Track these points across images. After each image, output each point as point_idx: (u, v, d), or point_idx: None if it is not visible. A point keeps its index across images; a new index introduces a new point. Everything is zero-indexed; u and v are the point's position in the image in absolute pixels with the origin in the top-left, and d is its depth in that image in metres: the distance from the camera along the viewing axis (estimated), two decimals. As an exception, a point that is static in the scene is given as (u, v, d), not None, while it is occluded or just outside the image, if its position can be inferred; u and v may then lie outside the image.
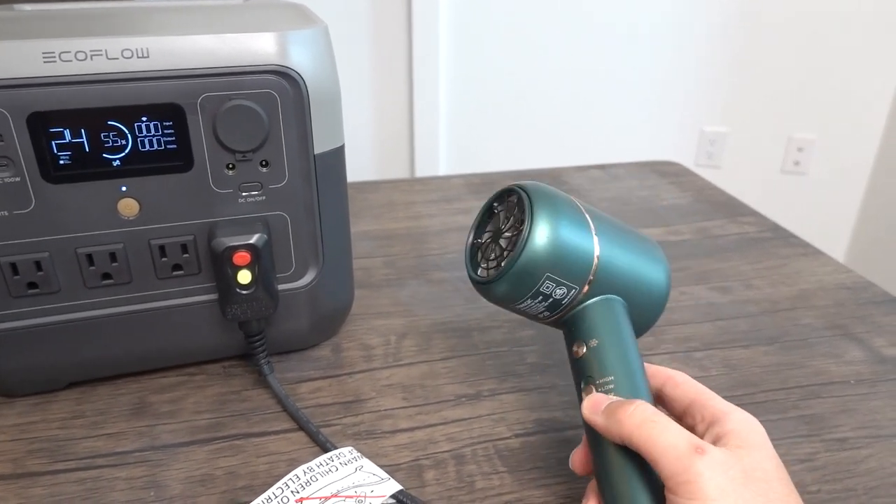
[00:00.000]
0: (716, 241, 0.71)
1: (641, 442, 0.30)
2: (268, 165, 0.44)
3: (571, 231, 0.35)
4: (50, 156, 0.40)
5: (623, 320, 0.36)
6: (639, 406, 0.31)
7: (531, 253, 0.34)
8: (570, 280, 0.35)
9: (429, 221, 0.76)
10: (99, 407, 0.46)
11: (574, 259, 0.35)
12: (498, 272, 0.35)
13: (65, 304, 0.44)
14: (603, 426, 0.32)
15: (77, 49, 0.39)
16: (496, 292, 0.36)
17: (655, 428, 0.30)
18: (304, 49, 0.43)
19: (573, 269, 0.35)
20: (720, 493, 0.27)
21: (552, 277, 0.35)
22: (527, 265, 0.34)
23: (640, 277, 0.38)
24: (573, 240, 0.35)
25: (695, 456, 0.28)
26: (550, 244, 0.34)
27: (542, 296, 0.35)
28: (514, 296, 0.36)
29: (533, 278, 0.35)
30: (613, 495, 0.32)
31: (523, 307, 0.37)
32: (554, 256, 0.34)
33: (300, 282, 0.48)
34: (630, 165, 0.95)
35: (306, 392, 0.48)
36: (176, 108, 0.41)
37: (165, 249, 0.44)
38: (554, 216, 0.35)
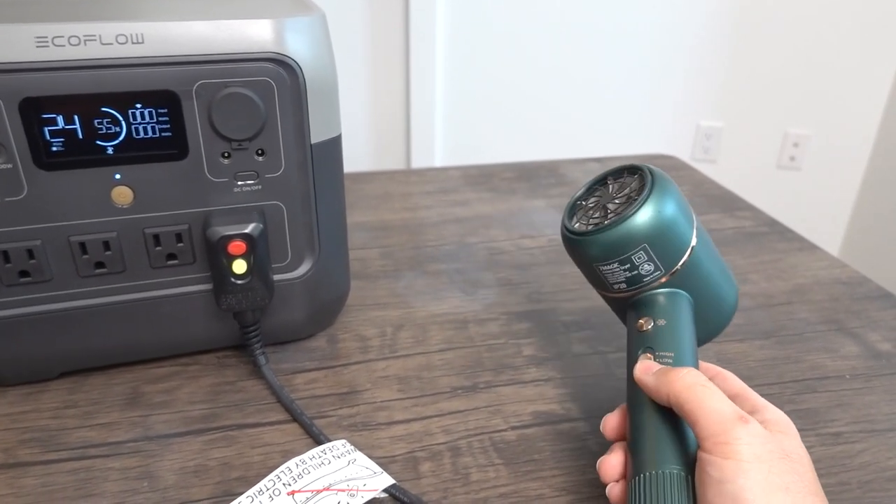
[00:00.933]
0: (712, 235, 0.70)
1: (689, 401, 0.31)
2: (264, 154, 0.44)
3: (680, 216, 0.36)
4: (42, 142, 0.39)
5: (690, 315, 0.38)
6: (691, 371, 0.32)
7: (640, 218, 0.35)
8: (661, 260, 0.36)
9: (425, 213, 0.75)
10: (92, 397, 0.46)
11: (673, 241, 0.36)
12: (599, 227, 0.36)
13: (57, 293, 0.43)
14: (653, 385, 0.33)
15: (70, 34, 0.38)
16: (589, 246, 0.37)
17: (706, 391, 0.31)
18: (301, 37, 0.42)
19: (668, 251, 0.36)
20: (755, 458, 0.28)
21: (647, 250, 0.36)
22: (631, 228, 0.35)
23: (716, 286, 0.39)
24: (679, 224, 0.36)
25: (738, 422, 0.29)
26: (660, 216, 0.35)
27: (631, 265, 0.36)
28: (606, 255, 0.37)
29: (631, 243, 0.36)
30: (644, 447, 0.33)
31: (607, 269, 0.37)
32: (658, 230, 0.35)
33: (296, 272, 0.48)
34: (627, 159, 0.94)
35: (301, 383, 0.48)
36: (171, 95, 0.40)
37: (160, 238, 0.44)
38: (670, 197, 0.36)
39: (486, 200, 0.79)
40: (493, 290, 0.60)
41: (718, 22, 1.92)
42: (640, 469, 0.32)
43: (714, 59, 1.98)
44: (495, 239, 0.69)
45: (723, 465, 0.28)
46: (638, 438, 0.33)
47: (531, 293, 0.59)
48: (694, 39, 1.96)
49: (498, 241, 0.69)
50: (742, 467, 0.28)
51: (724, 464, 0.28)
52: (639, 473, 0.32)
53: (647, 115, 2.07)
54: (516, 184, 0.84)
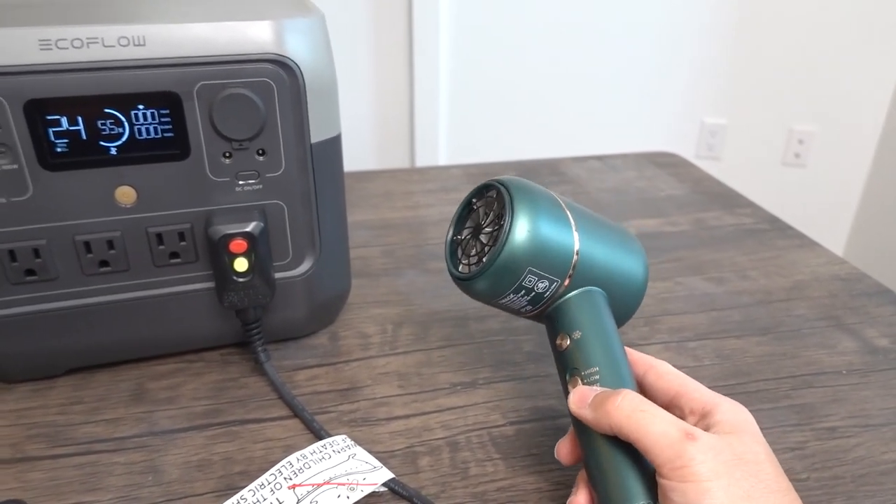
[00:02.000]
0: (712, 231, 0.71)
1: (632, 431, 0.30)
2: (264, 154, 0.44)
3: (552, 225, 0.35)
4: (47, 143, 0.40)
5: (604, 311, 0.37)
6: (626, 396, 0.32)
7: (512, 247, 0.34)
8: (551, 273, 0.35)
9: (427, 211, 0.76)
10: (98, 393, 0.47)
11: (555, 252, 0.35)
12: (479, 268, 0.35)
13: (63, 291, 0.44)
14: (592, 419, 0.32)
15: (74, 37, 0.39)
16: (478, 288, 0.36)
17: (645, 417, 0.30)
18: (300, 38, 0.43)
19: (554, 263, 0.35)
20: (713, 474, 0.28)
21: (534, 271, 0.35)
22: (508, 260, 0.34)
23: (620, 269, 0.38)
24: (554, 233, 0.35)
25: (686, 442, 0.29)
26: (531, 238, 0.34)
27: (525, 290, 0.36)
28: (497, 291, 0.36)
29: (515, 273, 0.35)
30: (605, 484, 0.32)
31: (506, 302, 0.37)
32: (535, 250, 0.34)
33: (297, 270, 0.49)
34: (628, 156, 0.95)
35: (303, 379, 0.48)
36: (172, 97, 0.41)
37: (163, 237, 0.45)
38: (534, 210, 0.35)
39: (488, 198, 0.79)
40: (493, 288, 0.60)
41: (723, 18, 1.92)
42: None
43: (718, 56, 1.97)
44: (496, 237, 0.70)
45: (684, 489, 0.28)
46: (597, 476, 0.33)
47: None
48: (698, 36, 1.96)
49: (498, 239, 0.69)
50: (702, 487, 0.27)
51: (685, 487, 0.28)
52: None
53: (651, 112, 2.07)
54: (517, 182, 0.84)
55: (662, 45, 1.98)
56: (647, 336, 0.53)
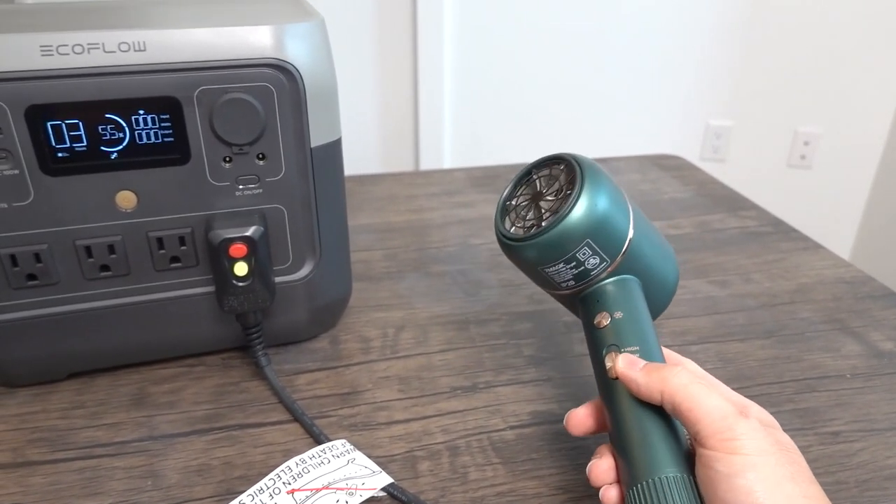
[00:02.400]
0: (716, 234, 0.71)
1: (685, 399, 0.31)
2: (264, 158, 0.44)
3: (614, 204, 0.36)
4: (48, 148, 0.40)
5: (643, 300, 0.37)
6: (685, 368, 0.33)
7: (578, 216, 0.35)
8: (605, 251, 0.36)
9: (430, 215, 0.76)
10: (99, 397, 0.47)
11: (613, 232, 0.36)
12: (538, 230, 0.36)
13: (64, 296, 0.44)
14: (643, 382, 0.33)
15: (74, 42, 0.39)
16: (530, 252, 0.36)
17: (702, 390, 0.31)
18: (300, 42, 0.43)
19: (610, 241, 0.36)
20: (762, 451, 0.29)
21: (591, 244, 0.35)
22: (571, 227, 0.35)
23: (658, 265, 0.39)
24: (615, 213, 0.36)
25: (740, 417, 0.30)
26: (596, 211, 0.35)
27: (576, 262, 0.36)
28: (549, 257, 0.36)
29: (573, 242, 0.35)
30: (636, 451, 0.32)
31: (552, 271, 0.37)
32: (597, 224, 0.35)
33: (297, 274, 0.49)
34: (632, 159, 0.94)
35: (303, 384, 0.48)
36: (173, 102, 0.41)
37: (163, 242, 0.45)
38: (602, 186, 0.36)
39: (491, 202, 0.79)
40: (495, 291, 0.60)
41: (728, 21, 1.92)
42: (636, 477, 0.31)
43: (723, 58, 1.97)
44: (498, 240, 0.70)
45: (731, 460, 0.28)
46: (627, 443, 0.33)
47: (533, 294, 0.59)
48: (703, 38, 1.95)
49: (501, 243, 0.69)
50: (750, 461, 0.28)
51: (731, 459, 0.29)
52: (636, 482, 0.31)
53: (656, 114, 2.07)
54: (520, 185, 0.84)
55: (667, 48, 1.97)
56: (649, 340, 0.53)
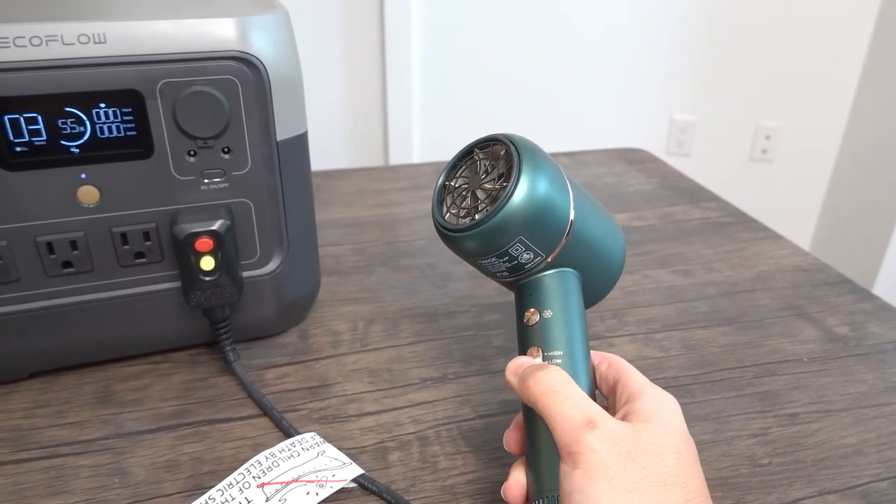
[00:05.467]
0: (679, 225, 0.73)
1: (542, 408, 0.31)
2: (230, 152, 0.44)
3: (554, 198, 0.34)
4: (6, 143, 0.39)
5: (577, 296, 0.37)
6: (548, 373, 0.32)
7: (511, 212, 0.33)
8: (538, 247, 0.35)
9: (398, 209, 0.76)
10: (63, 396, 0.46)
11: (549, 227, 0.35)
12: (471, 224, 0.34)
13: (25, 294, 0.44)
14: (517, 388, 0.33)
15: (32, 34, 0.38)
16: (464, 244, 0.35)
17: (557, 398, 0.31)
18: (264, 35, 0.43)
19: (545, 237, 0.35)
20: (601, 464, 0.28)
21: (524, 241, 0.34)
22: (503, 224, 0.33)
23: (601, 255, 0.38)
24: (553, 208, 0.34)
25: (585, 429, 0.29)
26: (532, 207, 0.33)
27: (509, 257, 0.35)
28: (481, 251, 0.35)
29: (505, 238, 0.34)
30: (535, 467, 0.32)
31: (485, 263, 0.36)
32: (532, 220, 0.33)
33: (265, 269, 0.48)
34: (598, 152, 0.96)
35: (273, 378, 0.48)
36: (135, 95, 0.41)
37: (127, 237, 0.44)
38: (541, 179, 0.33)
39: (459, 195, 0.80)
40: (464, 284, 0.61)
41: (691, 17, 1.95)
42: (533, 495, 0.32)
43: (687, 54, 2.00)
44: (467, 233, 0.70)
45: (573, 475, 0.28)
46: (528, 456, 0.33)
47: (501, 286, 0.60)
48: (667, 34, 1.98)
49: (469, 236, 0.70)
50: (589, 476, 0.28)
51: (573, 474, 0.28)
52: (532, 501, 0.31)
53: (621, 108, 2.10)
54: (488, 179, 0.85)
55: (632, 43, 2.00)
56: (615, 328, 0.54)
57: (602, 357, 0.36)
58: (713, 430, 0.43)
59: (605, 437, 0.29)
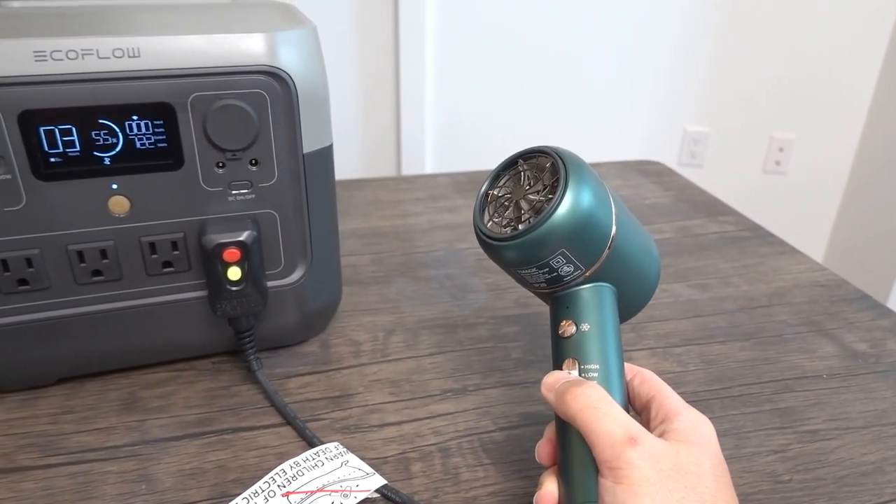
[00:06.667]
0: (696, 239, 0.73)
1: (581, 424, 0.31)
2: (257, 164, 0.45)
3: (598, 214, 0.34)
4: (41, 153, 0.40)
5: (614, 311, 0.37)
6: (586, 389, 0.32)
7: (555, 225, 0.33)
8: (579, 260, 0.35)
9: (416, 220, 0.77)
10: (89, 402, 0.47)
11: (591, 241, 0.35)
12: (514, 234, 0.34)
13: (55, 301, 0.44)
14: (554, 404, 0.33)
15: (68, 48, 0.39)
16: (505, 254, 0.35)
17: (596, 414, 0.31)
18: (293, 49, 0.44)
19: (587, 251, 0.35)
20: (645, 480, 0.28)
21: (565, 254, 0.34)
22: (547, 236, 0.33)
23: (638, 267, 0.38)
24: (596, 222, 0.34)
25: (627, 445, 0.29)
26: (576, 221, 0.33)
27: (549, 268, 0.35)
28: (522, 261, 0.35)
29: (547, 250, 0.34)
30: (569, 480, 0.32)
31: (524, 273, 0.36)
32: (574, 234, 0.34)
33: (289, 279, 0.49)
34: (614, 164, 0.96)
35: (295, 387, 0.49)
36: (166, 107, 0.42)
37: (156, 247, 0.45)
38: (586, 193, 0.34)
39: (476, 206, 0.80)
40: (482, 295, 0.61)
41: (704, 27, 1.95)
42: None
43: (700, 64, 2.00)
44: (484, 244, 0.71)
45: (615, 490, 0.28)
46: (562, 467, 0.33)
47: (519, 297, 0.60)
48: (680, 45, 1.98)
49: (487, 247, 0.70)
50: (632, 491, 0.28)
51: (616, 489, 0.28)
52: None
53: (634, 120, 2.10)
54: (505, 190, 0.85)
55: (644, 55, 2.00)
56: (633, 342, 0.54)
57: (634, 371, 0.37)
58: (733, 445, 0.44)
59: (646, 453, 0.29)
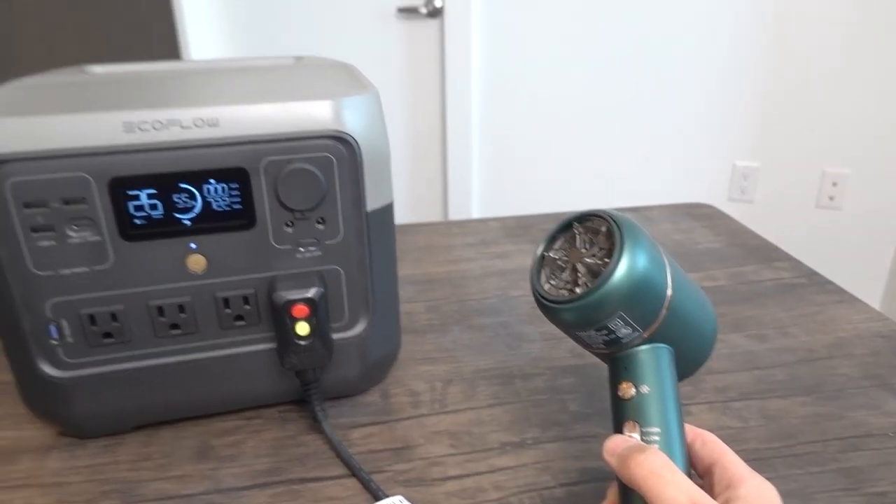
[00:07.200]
0: (751, 286, 0.72)
1: (647, 492, 0.31)
2: (324, 223, 0.47)
3: (653, 277, 0.35)
4: (127, 216, 0.43)
5: (672, 372, 0.38)
6: (650, 455, 0.32)
7: (612, 289, 0.34)
8: (637, 323, 0.36)
9: (468, 266, 0.78)
10: (164, 450, 0.49)
11: (648, 304, 0.36)
12: (571, 297, 0.36)
13: (136, 353, 0.47)
14: (616, 469, 0.34)
15: (155, 119, 0.42)
16: (563, 316, 0.36)
17: (660, 482, 0.31)
18: (357, 114, 0.46)
19: (644, 314, 0.36)
20: None
21: (623, 316, 0.35)
22: (604, 299, 0.34)
23: (696, 326, 0.39)
24: (653, 286, 0.35)
25: None
26: (632, 284, 0.34)
27: (607, 331, 0.36)
28: (580, 323, 0.36)
29: (605, 313, 0.35)
30: None
31: (582, 335, 0.37)
32: (631, 297, 0.35)
33: (352, 331, 0.51)
34: (664, 208, 0.96)
35: (358, 438, 0.50)
36: (241, 172, 0.44)
37: (229, 301, 0.47)
38: (641, 257, 0.35)
39: (527, 252, 0.81)
40: (537, 345, 0.62)
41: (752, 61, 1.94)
42: None
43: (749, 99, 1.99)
44: (537, 292, 0.71)
45: None
46: None
47: (574, 347, 0.61)
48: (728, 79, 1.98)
49: (540, 294, 0.71)
50: None
51: None
52: None
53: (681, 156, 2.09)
54: (555, 235, 0.86)
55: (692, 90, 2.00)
56: (691, 395, 0.54)
57: (696, 434, 0.37)
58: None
59: None
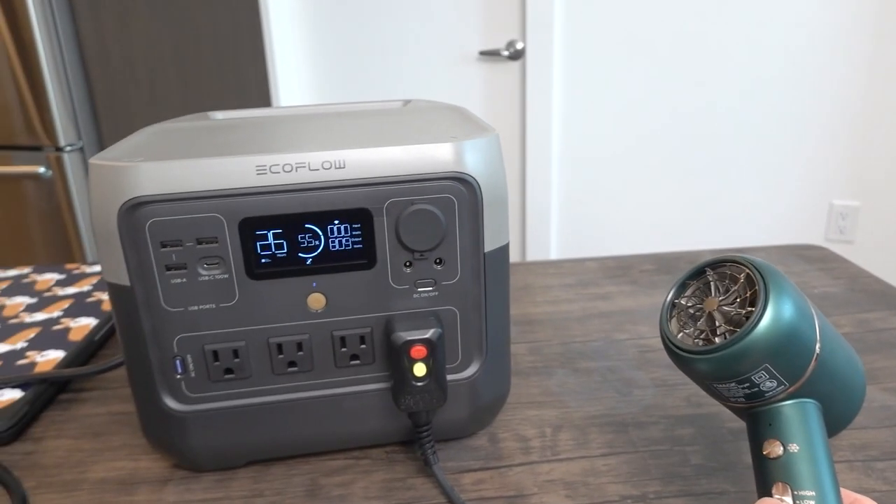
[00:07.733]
0: (879, 335, 0.67)
1: None
2: (442, 263, 0.47)
3: (801, 327, 0.33)
4: (254, 256, 0.44)
5: (822, 429, 0.35)
6: None
7: (757, 339, 0.32)
8: (784, 375, 0.34)
9: (568, 306, 0.76)
10: (275, 486, 0.49)
11: (796, 356, 0.33)
12: (710, 348, 0.34)
13: (253, 389, 0.48)
14: None
15: (285, 162, 0.43)
16: (700, 367, 0.34)
17: None
18: (478, 156, 0.46)
19: (792, 365, 0.33)
20: None
21: (769, 369, 0.33)
22: (748, 350, 0.32)
23: (844, 384, 0.36)
24: (801, 336, 0.33)
25: None
26: (779, 335, 0.32)
27: (750, 383, 0.34)
28: (719, 375, 0.34)
29: (747, 365, 0.33)
30: None
31: (720, 387, 0.35)
32: (778, 349, 0.33)
33: (465, 373, 0.50)
34: (770, 249, 0.92)
35: (469, 483, 0.49)
36: (365, 213, 0.45)
37: (345, 340, 0.47)
38: (787, 306, 0.33)
39: (628, 294, 0.79)
40: (649, 391, 0.59)
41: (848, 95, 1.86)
42: None
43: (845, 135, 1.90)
44: (644, 336, 0.69)
45: None
46: None
47: (689, 395, 0.58)
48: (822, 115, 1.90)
49: (647, 339, 0.68)
50: None
51: None
52: None
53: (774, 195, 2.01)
54: (657, 276, 0.84)
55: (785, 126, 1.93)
56: (825, 453, 0.50)
57: (853, 498, 0.34)
58: (966, 585, 0.39)
59: None
